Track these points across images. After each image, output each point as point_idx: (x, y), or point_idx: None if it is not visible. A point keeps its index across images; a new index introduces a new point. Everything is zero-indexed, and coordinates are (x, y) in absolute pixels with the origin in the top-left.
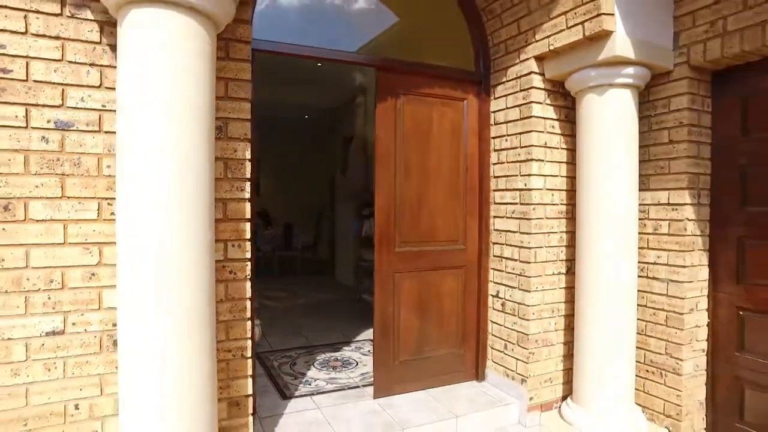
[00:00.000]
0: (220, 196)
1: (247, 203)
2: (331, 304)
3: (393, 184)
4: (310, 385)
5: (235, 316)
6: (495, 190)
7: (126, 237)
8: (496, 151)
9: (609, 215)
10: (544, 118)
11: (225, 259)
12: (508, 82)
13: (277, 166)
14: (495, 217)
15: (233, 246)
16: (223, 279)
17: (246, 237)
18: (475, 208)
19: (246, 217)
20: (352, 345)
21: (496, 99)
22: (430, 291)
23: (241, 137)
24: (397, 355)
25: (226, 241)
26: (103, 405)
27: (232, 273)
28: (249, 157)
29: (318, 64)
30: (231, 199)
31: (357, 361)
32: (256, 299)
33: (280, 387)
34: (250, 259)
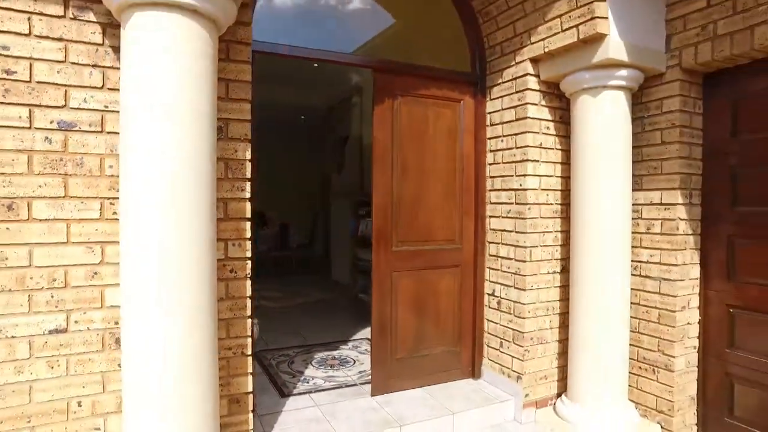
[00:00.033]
0: (221, 196)
1: (247, 203)
2: (328, 304)
3: (390, 184)
4: (308, 383)
5: (235, 314)
6: (491, 190)
7: (129, 238)
8: (491, 151)
9: (603, 215)
10: (539, 119)
11: (226, 257)
12: (503, 83)
13: (273, 166)
14: (491, 216)
15: (234, 245)
16: (223, 277)
17: (246, 236)
18: (471, 208)
19: (246, 216)
20: (349, 344)
21: (491, 100)
22: (427, 290)
23: (241, 137)
24: (395, 352)
25: (227, 240)
26: (105, 402)
27: (233, 272)
28: (249, 157)
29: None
30: (232, 198)
31: (354, 360)
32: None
33: (279, 385)
34: (250, 258)
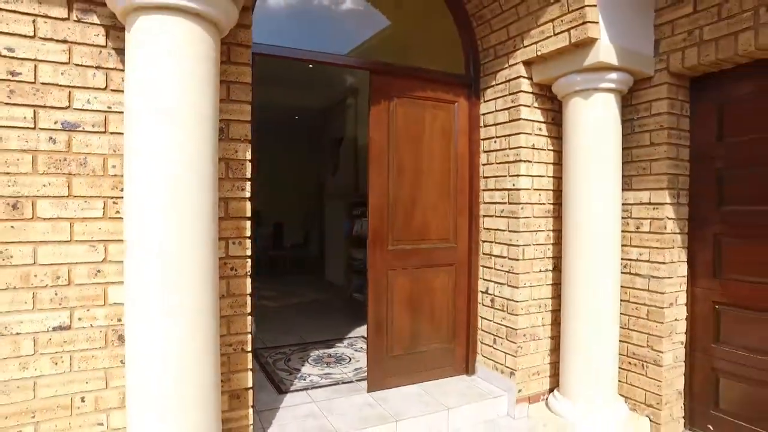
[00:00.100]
0: (222, 196)
1: (247, 202)
2: (323, 303)
3: (386, 184)
4: (304, 380)
5: (235, 312)
6: (484, 190)
7: (132, 240)
8: (485, 152)
9: (594, 214)
10: (531, 120)
11: (226, 256)
12: (497, 85)
13: (267, 166)
14: (485, 216)
15: (234, 243)
16: (224, 275)
17: (246, 235)
18: (465, 208)
19: (246, 215)
20: (345, 342)
21: (485, 102)
22: (422, 288)
23: (241, 138)
24: (390, 350)
25: (228, 238)
26: (108, 398)
27: (233, 270)
28: (249, 157)
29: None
30: (232, 198)
31: (350, 357)
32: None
33: (276, 382)
34: (250, 256)
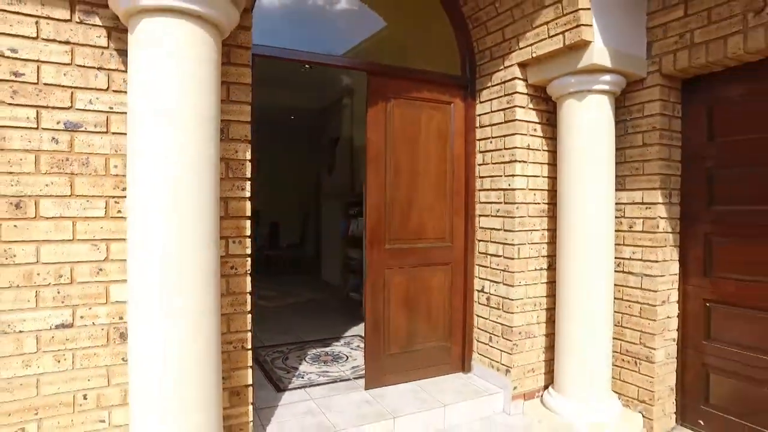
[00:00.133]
0: (223, 195)
1: (247, 202)
2: (319, 303)
3: (383, 184)
4: (302, 378)
5: (236, 310)
6: (480, 190)
7: (136, 240)
8: (481, 152)
9: (588, 213)
10: (527, 121)
11: (227, 255)
12: (492, 86)
13: (263, 166)
14: (480, 215)
15: (234, 242)
16: (224, 274)
17: (246, 234)
18: (461, 207)
19: (246, 215)
20: (342, 341)
21: (481, 103)
22: (419, 286)
23: (241, 138)
24: (388, 348)
25: (228, 237)
26: (110, 395)
27: (233, 268)
28: (249, 157)
29: (306, 67)
30: (232, 197)
31: (347, 356)
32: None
33: (274, 380)
34: (249, 255)
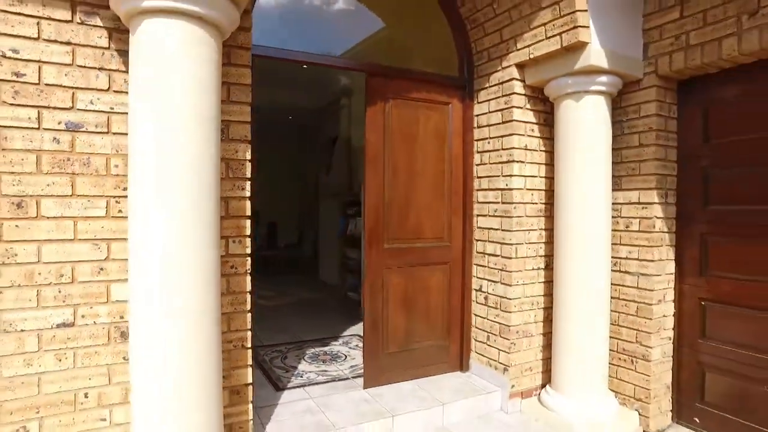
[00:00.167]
0: (223, 195)
1: (247, 201)
2: (317, 302)
3: (382, 184)
4: (301, 377)
5: (236, 309)
6: (478, 190)
7: (137, 240)
8: (479, 152)
9: (584, 213)
10: (524, 122)
11: (227, 254)
12: (490, 87)
13: (260, 166)
14: (478, 215)
15: (234, 242)
16: (225, 273)
17: (246, 233)
18: (459, 207)
19: (246, 214)
20: (340, 340)
21: (479, 103)
22: (417, 286)
23: (241, 139)
24: (386, 347)
25: (228, 237)
26: (111, 393)
27: (234, 268)
28: (249, 157)
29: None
30: (232, 197)
31: (345, 355)
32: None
33: (273, 379)
34: (249, 255)
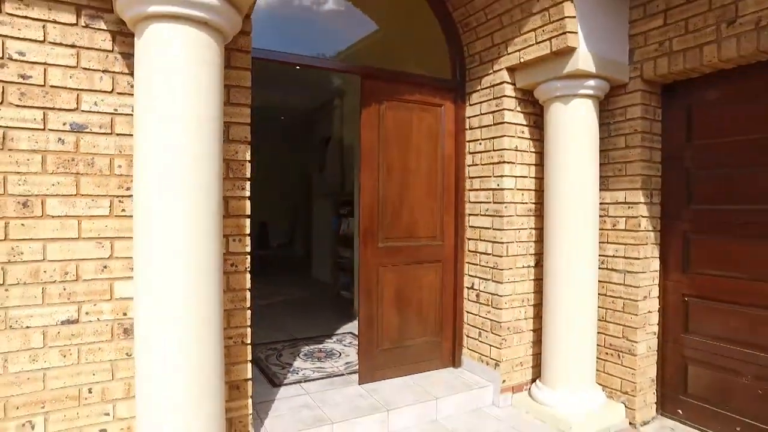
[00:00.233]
0: (224, 195)
1: (247, 201)
2: (310, 301)
3: (376, 185)
4: (297, 374)
5: (235, 306)
6: (470, 190)
7: (142, 238)
8: (471, 153)
9: (573, 213)
10: (515, 124)
11: (227, 252)
12: (482, 90)
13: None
14: (470, 214)
15: (234, 240)
16: (225, 271)
17: (246, 232)
18: (451, 207)
19: (246, 213)
20: (334, 338)
21: (471, 105)
22: (411, 283)
23: (241, 140)
24: (381, 343)
25: (228, 236)
26: (114, 389)
27: (234, 265)
28: (248, 158)
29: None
30: (232, 197)
31: (340, 352)
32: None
33: (269, 376)
34: (249, 253)
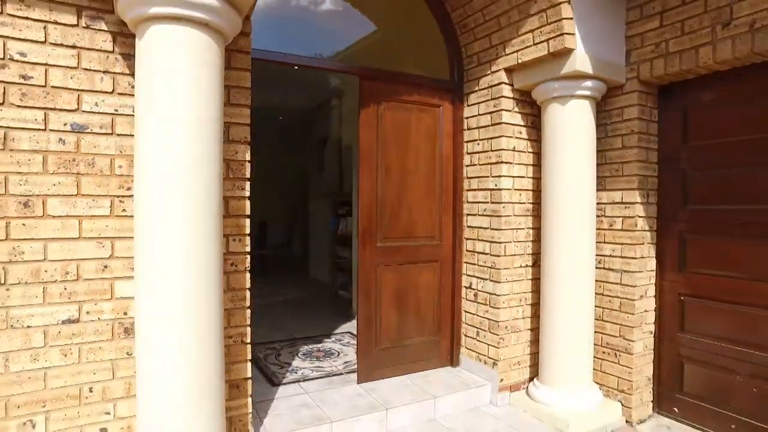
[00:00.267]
0: (224, 195)
1: (247, 201)
2: (309, 301)
3: (375, 185)
4: (296, 373)
5: (235, 305)
6: (468, 190)
7: (143, 238)
8: (469, 154)
9: (570, 213)
10: (512, 124)
11: (227, 252)
12: (480, 90)
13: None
14: (468, 214)
15: (234, 240)
16: (225, 271)
17: (246, 232)
18: (449, 207)
19: (246, 213)
20: (332, 337)
21: (469, 106)
22: (409, 283)
23: (241, 140)
24: (379, 343)
25: (228, 236)
26: (114, 388)
27: (234, 265)
28: (248, 158)
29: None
30: (232, 197)
31: (338, 351)
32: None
33: (268, 375)
34: (249, 253)
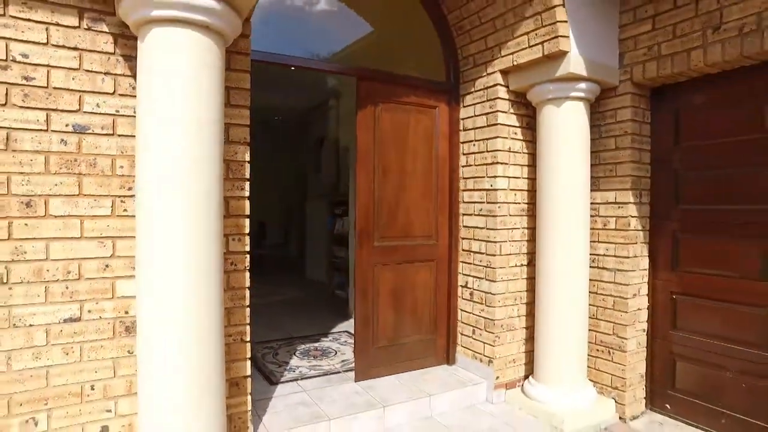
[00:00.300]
0: (224, 195)
1: (246, 201)
2: (306, 300)
3: (372, 185)
4: (294, 372)
5: (235, 304)
6: (464, 190)
7: (145, 237)
8: (465, 154)
9: (565, 213)
10: (508, 125)
11: (227, 251)
12: (476, 92)
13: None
14: (464, 214)
15: (234, 240)
16: (225, 270)
17: (245, 232)
18: (446, 206)
19: (245, 213)
20: (330, 336)
21: (465, 107)
22: (406, 282)
23: (241, 141)
24: (376, 341)
25: (228, 235)
26: (115, 386)
27: (233, 264)
28: (248, 159)
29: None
30: (232, 197)
31: (336, 350)
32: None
33: (266, 374)
34: (248, 252)
